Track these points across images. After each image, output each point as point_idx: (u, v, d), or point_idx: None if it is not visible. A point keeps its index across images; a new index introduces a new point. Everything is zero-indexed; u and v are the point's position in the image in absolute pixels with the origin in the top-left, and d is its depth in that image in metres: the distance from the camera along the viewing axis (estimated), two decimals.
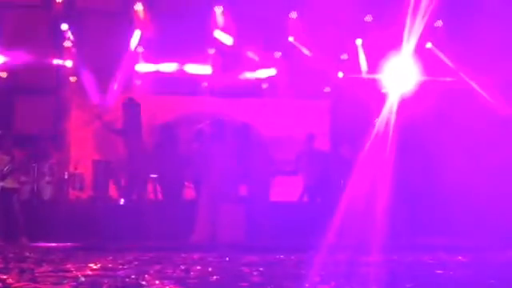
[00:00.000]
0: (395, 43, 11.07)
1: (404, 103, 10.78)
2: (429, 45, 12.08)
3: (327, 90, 12.94)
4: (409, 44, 10.87)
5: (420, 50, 11.26)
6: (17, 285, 6.61)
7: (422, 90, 11.17)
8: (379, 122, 10.39)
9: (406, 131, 10.38)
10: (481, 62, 11.25)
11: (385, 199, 9.22)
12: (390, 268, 7.41)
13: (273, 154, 11.61)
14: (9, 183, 10.61)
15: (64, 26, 13.05)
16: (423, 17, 10.64)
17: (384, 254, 7.84)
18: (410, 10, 10.56)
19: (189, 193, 12.57)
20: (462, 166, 10.22)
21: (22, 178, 11.37)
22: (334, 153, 11.87)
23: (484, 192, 9.90)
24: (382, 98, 10.95)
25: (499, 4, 10.69)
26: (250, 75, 13.25)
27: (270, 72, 13.18)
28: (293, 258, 8.41)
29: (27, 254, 8.92)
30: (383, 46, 11.56)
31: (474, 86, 11.48)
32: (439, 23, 11.84)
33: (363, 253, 7.87)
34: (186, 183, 12.31)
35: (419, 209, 10.43)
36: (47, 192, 12.11)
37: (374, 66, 11.72)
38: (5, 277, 7.00)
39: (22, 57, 12.79)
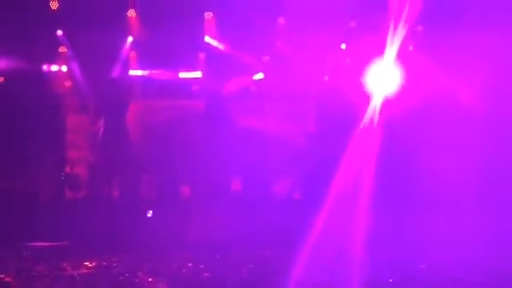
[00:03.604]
0: (379, 47, 11.09)
1: (387, 104, 10.83)
2: (410, 48, 12.10)
3: (313, 92, 12.92)
4: (391, 48, 10.88)
5: (402, 54, 11.26)
6: (14, 283, 6.59)
7: (404, 91, 11.18)
8: (363, 122, 10.45)
9: (389, 131, 10.43)
10: (460, 65, 11.30)
11: (368, 196, 9.26)
12: (373, 262, 7.41)
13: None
14: None
15: (59, 32, 13.02)
16: (405, 22, 10.65)
17: (368, 250, 7.82)
18: (392, 16, 10.57)
19: (183, 192, 12.65)
20: (442, 165, 10.28)
21: None
22: (320, 152, 11.91)
23: (463, 189, 9.95)
24: (366, 99, 10.98)
25: (478, 10, 10.73)
26: (239, 79, 13.25)
27: (259, 76, 13.20)
28: (281, 254, 8.39)
29: (24, 253, 8.89)
30: (367, 49, 11.57)
31: (454, 87, 11.51)
32: (420, 28, 11.86)
33: (348, 249, 7.85)
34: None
35: (402, 206, 10.44)
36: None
37: (358, 69, 11.73)
38: (3, 275, 6.98)
39: (19, 62, 12.78)
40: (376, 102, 10.80)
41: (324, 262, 7.20)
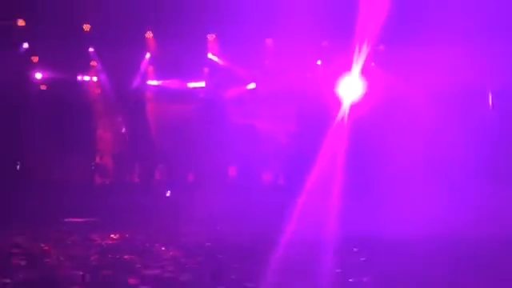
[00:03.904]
0: (347, 63, 11.07)
1: (354, 107, 10.85)
2: (372, 64, 12.07)
3: (295, 98, 12.88)
4: (357, 63, 10.87)
5: (365, 68, 11.25)
6: (53, 251, 6.48)
7: (367, 97, 11.17)
8: (336, 121, 10.46)
9: (355, 128, 10.49)
10: (411, 76, 11.34)
11: (340, 180, 9.24)
12: (345, 229, 7.28)
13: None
14: None
15: (91, 49, 12.92)
16: (368, 43, 10.64)
17: (340, 222, 7.66)
18: (357, 38, 10.54)
19: (189, 177, 12.61)
20: (399, 152, 10.35)
21: None
22: (300, 146, 11.88)
23: (414, 170, 9.99)
24: (337, 103, 10.98)
25: (425, 33, 10.70)
26: (235, 88, 13.19)
27: (251, 85, 13.17)
28: (269, 227, 8.27)
29: (62, 227, 8.76)
30: (338, 65, 11.56)
31: (405, 93, 11.54)
32: (380, 48, 11.84)
33: (324, 222, 7.71)
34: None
35: (368, 186, 10.39)
36: None
37: (331, 80, 11.70)
38: (43, 244, 6.87)
39: (59, 73, 12.71)
40: (345, 106, 10.82)
41: (305, 231, 7.11)
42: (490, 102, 11.81)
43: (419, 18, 10.40)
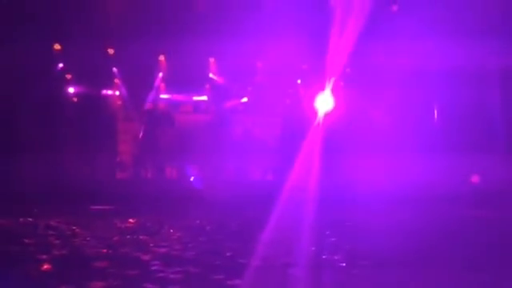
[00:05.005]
0: (321, 82, 11.16)
1: (326, 116, 10.99)
2: (341, 84, 12.10)
3: (279, 109, 12.85)
4: (329, 83, 11.01)
5: (335, 86, 11.37)
6: (81, 232, 6.28)
7: (336, 108, 11.28)
8: (313, 127, 10.56)
9: (327, 131, 10.60)
10: (371, 92, 11.44)
11: (315, 173, 9.27)
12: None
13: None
14: None
15: (114, 69, 12.84)
16: (337, 66, 10.78)
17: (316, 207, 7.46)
18: (329, 63, 10.64)
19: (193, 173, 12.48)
20: (359, 148, 10.49)
21: None
22: (284, 147, 11.82)
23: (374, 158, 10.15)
24: (313, 113, 11.09)
25: (379, 60, 10.84)
26: (231, 101, 13.15)
27: (244, 99, 13.15)
28: (260, 214, 8.09)
29: (89, 212, 8.53)
30: (314, 83, 11.62)
31: (366, 106, 11.68)
32: (347, 70, 11.91)
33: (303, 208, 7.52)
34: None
35: (337, 174, 10.41)
36: None
37: (308, 95, 11.79)
38: (73, 227, 6.66)
39: (88, 88, 12.60)
40: (320, 114, 10.99)
41: (288, 213, 6.93)
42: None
43: (374, 51, 10.62)
